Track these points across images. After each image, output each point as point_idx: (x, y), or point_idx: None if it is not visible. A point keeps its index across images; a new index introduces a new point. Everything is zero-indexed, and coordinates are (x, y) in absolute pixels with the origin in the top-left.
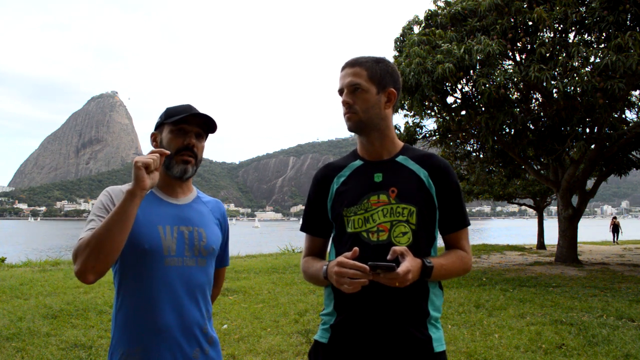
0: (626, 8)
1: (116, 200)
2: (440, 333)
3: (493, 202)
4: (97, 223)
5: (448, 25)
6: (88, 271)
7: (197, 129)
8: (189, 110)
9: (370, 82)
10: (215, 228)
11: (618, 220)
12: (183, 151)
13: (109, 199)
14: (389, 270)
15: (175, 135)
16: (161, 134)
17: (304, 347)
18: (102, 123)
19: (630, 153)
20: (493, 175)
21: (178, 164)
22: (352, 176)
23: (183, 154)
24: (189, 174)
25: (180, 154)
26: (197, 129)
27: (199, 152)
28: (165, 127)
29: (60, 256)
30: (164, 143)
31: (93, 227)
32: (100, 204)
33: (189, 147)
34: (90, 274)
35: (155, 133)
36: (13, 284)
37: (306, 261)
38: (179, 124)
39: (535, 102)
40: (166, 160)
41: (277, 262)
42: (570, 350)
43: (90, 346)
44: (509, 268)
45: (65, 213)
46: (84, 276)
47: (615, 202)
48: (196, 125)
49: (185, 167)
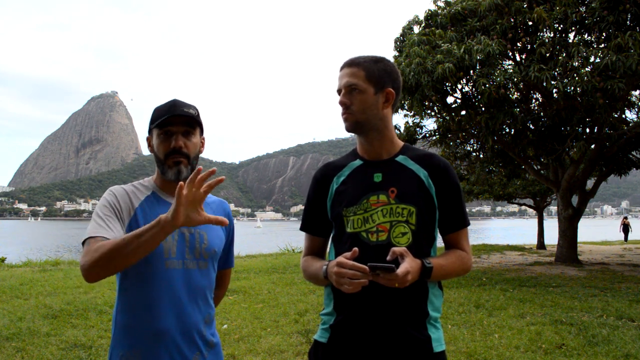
0: (626, 8)
1: (121, 201)
2: (439, 333)
3: (493, 202)
4: (106, 224)
5: (448, 25)
6: (91, 274)
7: (182, 127)
8: (172, 110)
9: (368, 83)
10: (218, 230)
11: (628, 220)
12: (172, 154)
13: (114, 198)
14: (388, 271)
15: (162, 139)
16: (152, 138)
17: (304, 347)
18: (102, 123)
19: (630, 153)
20: (493, 175)
21: (170, 168)
22: (351, 176)
23: (173, 157)
24: (183, 175)
25: (170, 157)
26: (182, 127)
27: (190, 150)
28: (154, 131)
29: (60, 256)
30: (155, 148)
31: (102, 225)
32: (106, 202)
33: (177, 149)
34: (93, 277)
35: (149, 137)
36: (13, 284)
37: (306, 260)
38: (164, 127)
39: (535, 102)
40: (159, 165)
41: (277, 262)
42: (570, 350)
43: (90, 346)
44: (509, 268)
45: (65, 213)
46: (86, 276)
47: (615, 202)
48: (182, 124)
49: (177, 168)
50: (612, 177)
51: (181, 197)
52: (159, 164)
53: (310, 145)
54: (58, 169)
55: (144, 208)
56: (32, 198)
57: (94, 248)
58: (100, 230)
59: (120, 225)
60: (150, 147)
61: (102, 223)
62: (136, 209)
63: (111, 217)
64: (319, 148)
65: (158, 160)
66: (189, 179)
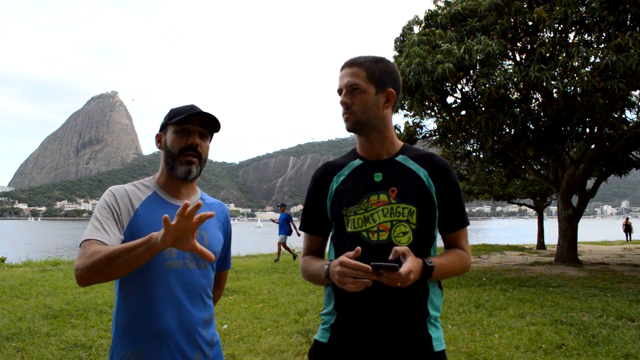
0: (626, 8)
1: (120, 201)
2: (439, 332)
3: (493, 202)
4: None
5: (448, 25)
6: (82, 279)
7: (200, 128)
8: (192, 110)
9: (369, 83)
10: (217, 231)
11: (630, 221)
12: (187, 151)
13: (113, 199)
14: (391, 270)
15: (179, 135)
16: (165, 135)
17: (304, 347)
18: (102, 123)
19: (630, 153)
20: (493, 175)
21: (182, 165)
22: (351, 175)
23: (187, 154)
24: (193, 175)
25: (184, 154)
26: (200, 128)
27: (203, 152)
28: (169, 128)
29: (60, 256)
30: (168, 144)
31: (98, 228)
32: (105, 203)
33: (193, 146)
34: (84, 282)
35: (160, 134)
36: (13, 284)
37: (305, 260)
38: (183, 124)
39: (535, 102)
40: (170, 161)
41: (277, 262)
42: (570, 350)
43: (90, 346)
44: (509, 268)
45: (65, 213)
46: (78, 280)
47: (615, 202)
48: (200, 125)
49: (189, 167)
50: (612, 177)
51: (169, 227)
52: (169, 160)
53: (311, 145)
54: (58, 169)
55: (145, 208)
56: (32, 198)
57: (88, 253)
58: (96, 233)
59: (117, 227)
60: (160, 143)
61: (99, 225)
62: (137, 209)
63: (109, 219)
64: (319, 148)
65: (170, 156)
66: (178, 212)
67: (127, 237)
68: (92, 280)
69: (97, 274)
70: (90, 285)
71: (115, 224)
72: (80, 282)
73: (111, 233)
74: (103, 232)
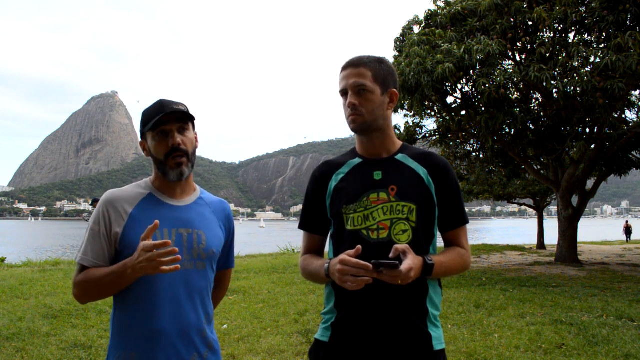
0: (626, 8)
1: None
2: (439, 331)
3: (493, 202)
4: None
5: (448, 25)
6: (80, 300)
7: (177, 124)
8: (163, 109)
9: (375, 83)
10: (217, 230)
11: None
12: (172, 154)
13: (105, 209)
14: (392, 268)
15: (159, 140)
16: (147, 142)
17: (304, 347)
18: (102, 123)
19: (630, 153)
20: (493, 175)
21: (172, 169)
22: (351, 173)
23: (174, 157)
24: (185, 175)
25: (171, 157)
26: (177, 124)
27: (188, 147)
28: (148, 135)
29: (60, 256)
30: (152, 151)
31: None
32: (96, 217)
33: (176, 147)
34: (83, 302)
35: (143, 142)
36: (13, 284)
37: (305, 259)
38: (158, 127)
39: (535, 102)
40: (160, 167)
41: (277, 262)
42: (570, 350)
43: (90, 346)
44: (509, 268)
45: (65, 213)
46: (77, 300)
47: (615, 202)
48: (175, 121)
49: (179, 170)
50: (612, 177)
51: (141, 258)
52: (159, 166)
53: (311, 145)
54: (58, 169)
55: (139, 210)
56: (32, 198)
57: (75, 281)
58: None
59: (105, 243)
60: (146, 151)
61: (88, 247)
62: (130, 213)
63: (97, 236)
64: (319, 148)
65: (158, 162)
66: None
67: (121, 240)
68: (89, 300)
69: (91, 297)
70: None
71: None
72: (81, 302)
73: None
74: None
